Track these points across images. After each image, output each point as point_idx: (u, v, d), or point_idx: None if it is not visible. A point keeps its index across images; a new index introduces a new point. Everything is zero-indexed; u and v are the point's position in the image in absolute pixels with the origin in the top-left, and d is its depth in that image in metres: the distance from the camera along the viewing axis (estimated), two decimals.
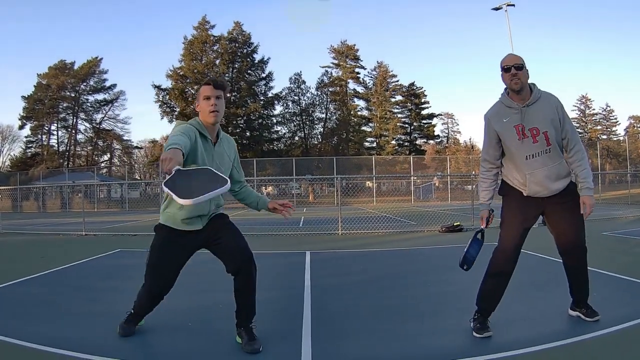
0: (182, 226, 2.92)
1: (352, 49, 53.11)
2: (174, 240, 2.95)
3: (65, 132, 50.68)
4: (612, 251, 6.77)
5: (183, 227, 2.92)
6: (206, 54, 44.92)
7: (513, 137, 3.15)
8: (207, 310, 3.97)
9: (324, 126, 50.50)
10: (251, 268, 2.98)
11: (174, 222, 2.93)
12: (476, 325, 3.22)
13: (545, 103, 3.16)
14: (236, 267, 2.94)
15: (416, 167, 40.75)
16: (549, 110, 3.13)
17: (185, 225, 2.92)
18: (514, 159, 3.23)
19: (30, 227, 13.62)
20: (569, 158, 3.25)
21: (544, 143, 3.11)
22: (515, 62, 3.15)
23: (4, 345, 3.05)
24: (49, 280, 5.47)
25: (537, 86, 3.22)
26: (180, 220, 2.90)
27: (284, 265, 6.68)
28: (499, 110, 3.25)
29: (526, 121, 3.11)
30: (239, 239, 3.00)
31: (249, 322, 3.05)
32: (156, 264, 3.02)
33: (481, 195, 3.54)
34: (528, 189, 3.21)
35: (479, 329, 3.18)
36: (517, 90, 3.14)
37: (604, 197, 25.28)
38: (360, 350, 2.97)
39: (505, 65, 3.16)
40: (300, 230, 11.65)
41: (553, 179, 3.17)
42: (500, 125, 3.20)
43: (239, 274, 2.96)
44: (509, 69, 3.14)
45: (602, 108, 65.48)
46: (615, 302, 3.91)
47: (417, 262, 6.56)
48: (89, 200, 31.32)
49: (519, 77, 3.12)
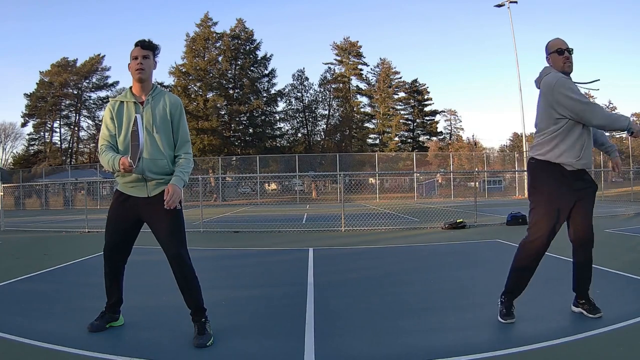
0: (128, 190, 3.07)
1: (355, 46, 53.05)
2: (121, 201, 3.11)
3: (68, 130, 50.85)
4: (615, 248, 6.75)
5: (129, 191, 3.07)
6: (209, 51, 44.86)
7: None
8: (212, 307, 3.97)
9: (326, 123, 50.50)
10: (177, 266, 3.05)
11: (121, 186, 3.11)
12: (502, 310, 3.38)
13: None
14: (169, 259, 3.06)
15: (419, 164, 40.71)
16: None
17: (130, 190, 3.06)
18: (575, 130, 3.18)
19: (33, 225, 13.65)
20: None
21: None
22: (568, 46, 3.19)
23: (6, 343, 3.06)
24: (51, 277, 5.49)
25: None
26: (123, 184, 3.08)
27: (287, 261, 6.69)
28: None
29: None
30: (167, 234, 3.04)
31: (199, 318, 3.09)
32: (107, 221, 3.16)
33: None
34: (581, 160, 3.20)
35: (505, 315, 3.35)
36: (570, 72, 3.19)
37: (606, 194, 25.19)
38: (363, 346, 2.96)
39: (560, 48, 3.19)
40: (303, 226, 11.65)
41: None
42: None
43: (173, 267, 3.07)
44: (563, 52, 3.17)
45: (605, 105, 65.23)
46: (619, 300, 3.90)
47: (420, 259, 6.56)
48: (91, 198, 31.33)
49: (571, 60, 3.18)
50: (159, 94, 3.13)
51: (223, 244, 8.28)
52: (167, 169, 3.06)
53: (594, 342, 2.90)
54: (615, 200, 21.66)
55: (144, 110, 3.02)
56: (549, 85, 3.16)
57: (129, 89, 3.11)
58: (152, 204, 3.03)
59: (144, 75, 3.03)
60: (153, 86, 3.13)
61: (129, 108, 3.04)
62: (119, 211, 3.12)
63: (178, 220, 3.08)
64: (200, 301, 3.13)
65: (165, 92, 3.18)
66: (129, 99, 3.05)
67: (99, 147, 3.09)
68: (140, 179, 3.00)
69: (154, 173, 3.01)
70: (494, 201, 24.77)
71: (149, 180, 3.02)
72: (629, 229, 9.14)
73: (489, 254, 6.76)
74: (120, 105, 3.06)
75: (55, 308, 4.00)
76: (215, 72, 44.20)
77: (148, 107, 3.04)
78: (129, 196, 3.07)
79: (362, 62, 53.85)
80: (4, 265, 6.34)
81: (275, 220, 12.05)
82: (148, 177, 3.01)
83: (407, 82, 55.01)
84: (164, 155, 3.04)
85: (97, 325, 3.25)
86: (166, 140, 3.06)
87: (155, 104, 3.07)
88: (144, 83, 3.07)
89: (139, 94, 3.08)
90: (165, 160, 3.04)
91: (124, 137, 3.01)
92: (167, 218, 3.01)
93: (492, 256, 6.61)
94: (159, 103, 3.08)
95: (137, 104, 3.04)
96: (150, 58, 3.06)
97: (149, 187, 3.03)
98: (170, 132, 3.09)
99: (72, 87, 48.83)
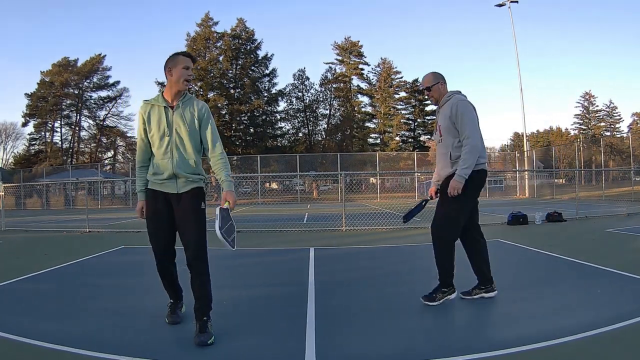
0: (159, 187, 3.27)
1: (356, 46, 53.04)
2: (154, 199, 3.30)
3: (69, 129, 50.87)
4: (616, 248, 6.72)
5: (160, 187, 3.27)
6: (209, 51, 44.91)
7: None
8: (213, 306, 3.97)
9: (327, 122, 50.49)
10: (197, 267, 3.20)
11: (151, 183, 3.32)
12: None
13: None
14: (187, 261, 3.20)
15: (420, 164, 40.65)
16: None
17: (161, 186, 3.26)
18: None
19: (33, 225, 13.65)
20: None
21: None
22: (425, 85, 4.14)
23: (7, 342, 3.06)
24: (52, 277, 5.49)
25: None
26: (154, 180, 3.29)
27: (288, 261, 6.70)
28: None
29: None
30: (192, 235, 3.21)
31: (202, 316, 3.17)
32: (148, 226, 3.36)
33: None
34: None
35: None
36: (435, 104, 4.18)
37: (607, 194, 25.18)
38: (364, 346, 2.96)
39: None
40: (304, 226, 11.64)
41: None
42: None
43: (190, 268, 3.21)
44: (422, 92, 4.16)
45: (606, 105, 65.32)
46: (619, 299, 3.89)
47: (421, 258, 6.54)
48: (92, 197, 31.39)
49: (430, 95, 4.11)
50: (189, 100, 3.31)
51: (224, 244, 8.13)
52: (194, 168, 3.27)
53: (593, 342, 2.89)
54: (617, 199, 21.65)
55: (174, 114, 3.22)
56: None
57: (160, 94, 3.30)
58: (180, 201, 3.24)
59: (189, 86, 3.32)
60: (184, 93, 3.31)
61: (160, 111, 3.24)
62: (155, 207, 3.30)
63: (202, 222, 3.26)
64: (209, 301, 3.25)
65: (194, 98, 3.37)
66: (160, 103, 3.25)
67: (136, 156, 3.42)
68: (171, 175, 3.21)
69: (183, 172, 3.22)
70: (494, 201, 24.77)
71: (179, 177, 3.23)
72: (630, 228, 9.12)
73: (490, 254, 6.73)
74: (151, 108, 3.28)
75: (56, 308, 4.00)
76: (216, 72, 44.24)
77: (178, 111, 3.24)
78: (161, 193, 3.27)
79: (363, 62, 53.91)
80: (4, 265, 6.35)
81: (276, 220, 12.05)
82: (178, 174, 3.22)
83: (408, 82, 54.95)
84: (192, 156, 3.25)
85: (172, 319, 3.50)
86: (193, 143, 3.25)
87: (184, 109, 3.25)
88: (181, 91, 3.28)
89: (170, 100, 3.27)
90: (192, 160, 3.25)
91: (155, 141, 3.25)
92: (192, 217, 3.22)
93: (492, 256, 6.56)
94: (188, 108, 3.27)
95: (167, 108, 3.24)
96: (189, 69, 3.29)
97: (178, 184, 3.24)
98: (197, 136, 3.27)
99: (73, 86, 48.85)
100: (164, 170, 3.22)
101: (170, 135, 3.19)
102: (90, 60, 49.28)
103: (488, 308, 3.74)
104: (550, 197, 27.86)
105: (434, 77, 4.03)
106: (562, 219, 11.18)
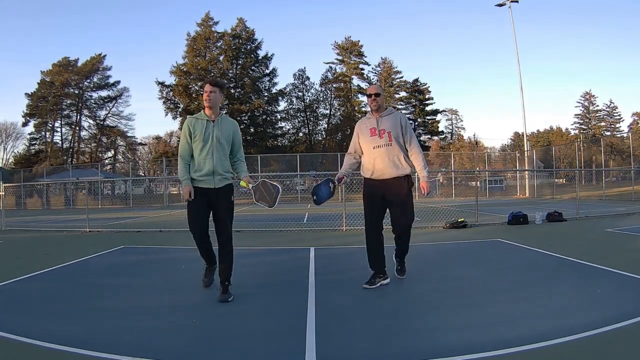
0: (199, 183, 4.21)
1: (357, 45, 53.02)
2: (197, 193, 4.20)
3: (69, 129, 50.95)
4: (616, 248, 6.73)
5: (200, 183, 4.20)
6: (210, 51, 44.94)
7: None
8: (213, 306, 3.98)
9: (328, 122, 50.54)
10: (227, 245, 4.25)
11: (194, 181, 4.22)
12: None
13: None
14: (218, 242, 4.26)
15: None
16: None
17: (200, 183, 4.20)
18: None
19: (34, 224, 13.64)
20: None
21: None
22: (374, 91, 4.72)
23: (7, 342, 3.07)
24: (52, 277, 5.49)
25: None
26: (196, 177, 4.21)
27: (288, 261, 6.70)
28: None
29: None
30: (226, 221, 4.28)
31: (225, 280, 4.19)
32: (189, 213, 4.27)
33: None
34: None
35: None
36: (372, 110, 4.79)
37: (607, 193, 25.17)
38: (364, 346, 2.97)
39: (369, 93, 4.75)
40: (304, 226, 11.64)
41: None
42: None
43: (221, 246, 4.26)
44: (371, 96, 4.68)
45: (606, 104, 65.27)
46: (620, 299, 3.89)
47: (421, 258, 6.54)
48: (92, 197, 31.37)
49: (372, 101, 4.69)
50: (225, 117, 4.41)
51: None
52: (228, 168, 4.33)
53: (593, 342, 2.89)
54: (617, 199, 21.64)
55: (214, 127, 4.22)
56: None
57: (203, 111, 4.30)
58: (217, 194, 4.22)
59: (210, 104, 4.23)
60: (220, 111, 4.40)
61: (202, 124, 4.24)
62: (197, 199, 4.18)
63: (231, 210, 4.35)
64: (231, 270, 4.26)
65: (226, 116, 4.53)
66: (203, 117, 4.27)
67: (179, 154, 4.31)
68: (209, 173, 4.17)
69: (220, 169, 4.21)
70: (495, 201, 24.75)
71: (217, 175, 4.19)
72: (630, 228, 9.12)
73: (490, 253, 6.75)
74: (196, 121, 4.26)
75: (56, 308, 4.01)
76: (216, 72, 44.25)
77: (218, 125, 4.26)
78: (202, 188, 4.18)
79: (364, 62, 53.90)
80: (5, 265, 6.34)
81: (277, 220, 12.04)
82: (216, 171, 4.18)
83: (408, 82, 55.03)
84: (226, 158, 4.31)
85: (208, 281, 4.57)
86: (228, 148, 4.32)
87: (223, 124, 4.30)
88: (213, 109, 4.26)
89: (209, 115, 4.27)
90: (227, 162, 4.32)
91: (198, 146, 4.20)
92: (226, 206, 4.27)
93: (493, 255, 6.60)
94: (225, 123, 4.33)
95: (209, 122, 4.24)
96: (216, 92, 4.26)
97: (215, 180, 4.20)
98: (230, 144, 4.35)
99: (73, 86, 48.92)
100: (204, 167, 4.16)
101: (211, 141, 4.17)
102: (90, 60, 49.34)
103: (488, 308, 3.74)
104: (551, 197, 27.85)
105: (381, 88, 4.93)
106: (563, 218, 11.17)
